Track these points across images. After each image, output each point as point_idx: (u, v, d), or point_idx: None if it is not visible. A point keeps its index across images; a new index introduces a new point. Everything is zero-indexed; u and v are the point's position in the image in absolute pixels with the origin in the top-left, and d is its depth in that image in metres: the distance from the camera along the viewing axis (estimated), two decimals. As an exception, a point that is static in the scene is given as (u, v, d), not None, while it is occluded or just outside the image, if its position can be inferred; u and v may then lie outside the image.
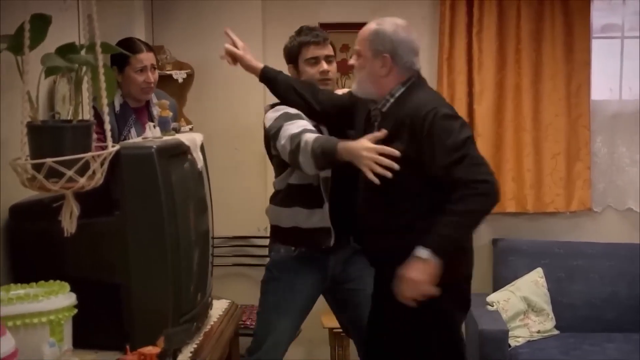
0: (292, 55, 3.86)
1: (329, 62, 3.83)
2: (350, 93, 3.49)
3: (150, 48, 3.99)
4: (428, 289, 3.00)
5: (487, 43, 5.27)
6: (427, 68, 5.36)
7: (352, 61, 3.33)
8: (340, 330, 4.59)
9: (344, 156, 3.18)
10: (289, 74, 3.83)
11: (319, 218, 3.65)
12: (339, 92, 3.81)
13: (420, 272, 2.98)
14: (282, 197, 3.71)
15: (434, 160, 3.04)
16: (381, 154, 3.04)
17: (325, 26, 5.32)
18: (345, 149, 3.18)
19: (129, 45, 3.86)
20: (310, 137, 3.31)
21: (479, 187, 2.99)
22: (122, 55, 3.44)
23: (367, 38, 3.25)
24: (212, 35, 5.17)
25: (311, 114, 3.58)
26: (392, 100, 3.22)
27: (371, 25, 3.27)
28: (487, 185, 3.01)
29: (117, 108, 3.85)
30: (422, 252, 2.97)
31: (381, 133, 3.12)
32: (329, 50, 3.86)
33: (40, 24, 2.15)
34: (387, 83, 3.22)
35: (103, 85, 2.20)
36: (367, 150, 3.09)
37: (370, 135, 3.14)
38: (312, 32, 3.87)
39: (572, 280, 5.19)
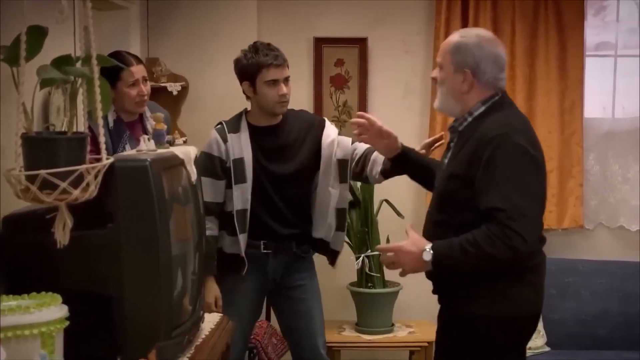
0: (248, 73, 3.90)
1: (286, 83, 3.91)
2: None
3: (139, 60, 3.98)
4: (402, 271, 3.03)
5: (481, 59, 5.28)
6: (421, 84, 5.41)
7: (434, 74, 3.17)
8: (332, 345, 4.65)
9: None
10: (243, 90, 3.95)
11: (232, 245, 3.98)
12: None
13: (412, 264, 2.98)
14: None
15: (486, 192, 2.86)
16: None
17: (320, 40, 5.40)
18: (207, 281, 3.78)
19: (118, 59, 3.85)
20: (207, 232, 3.74)
21: (512, 239, 2.79)
22: (113, 71, 3.43)
23: (449, 51, 3.06)
24: (207, 48, 5.21)
25: None
26: (470, 119, 3.04)
27: (454, 37, 3.10)
28: (521, 242, 2.79)
29: (111, 124, 3.84)
30: (426, 256, 2.92)
31: None
32: (287, 72, 3.94)
33: (37, 36, 2.15)
34: (469, 100, 3.04)
35: (98, 97, 2.20)
36: (207, 305, 3.74)
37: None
38: (271, 51, 3.90)
39: (564, 297, 5.19)
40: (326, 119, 4.19)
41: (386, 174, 3.80)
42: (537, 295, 3.09)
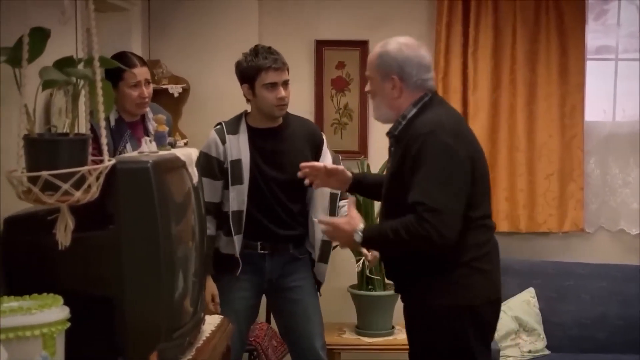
0: (248, 76, 3.93)
1: (285, 86, 3.93)
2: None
3: (144, 62, 3.96)
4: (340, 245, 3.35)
5: (482, 63, 5.30)
6: (422, 87, 5.39)
7: (367, 88, 3.28)
8: (332, 347, 4.66)
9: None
10: (243, 92, 3.97)
11: (227, 245, 4.00)
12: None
13: (344, 241, 3.19)
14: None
15: (411, 188, 2.96)
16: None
17: (321, 43, 5.40)
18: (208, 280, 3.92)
19: (123, 60, 3.85)
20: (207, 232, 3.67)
21: (428, 231, 2.90)
22: (116, 71, 3.42)
23: (374, 62, 3.19)
24: (209, 50, 5.22)
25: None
26: (404, 122, 3.14)
27: (375, 49, 3.22)
28: (436, 235, 2.90)
29: (113, 123, 3.83)
30: (357, 237, 3.09)
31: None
32: (286, 75, 3.96)
33: (39, 37, 2.15)
34: (401, 104, 3.15)
35: (100, 99, 2.20)
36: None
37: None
38: (271, 55, 3.91)
39: (564, 300, 5.20)
40: (324, 137, 4.23)
41: None
42: (491, 282, 3.19)
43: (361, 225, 3.10)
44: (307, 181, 3.54)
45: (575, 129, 5.37)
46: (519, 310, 5.05)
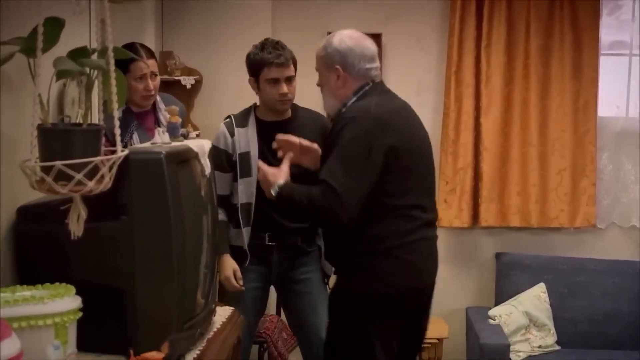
0: (253, 69, 3.95)
1: (289, 82, 3.91)
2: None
3: (151, 55, 3.91)
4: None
5: (495, 57, 5.28)
6: (435, 80, 5.40)
7: (317, 82, 3.41)
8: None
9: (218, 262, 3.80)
10: (249, 85, 4.00)
11: (236, 237, 4.01)
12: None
13: (265, 188, 3.31)
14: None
15: (324, 164, 3.14)
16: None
17: (334, 36, 5.36)
18: (220, 260, 3.86)
19: (130, 51, 3.82)
20: (219, 217, 3.75)
21: (325, 208, 3.07)
22: (122, 63, 3.41)
23: (320, 55, 3.33)
24: (222, 42, 5.21)
25: None
26: (344, 110, 3.26)
27: (321, 43, 3.35)
28: (330, 213, 3.07)
29: (119, 114, 3.81)
30: (273, 191, 3.24)
31: None
32: (290, 71, 3.93)
33: (54, 27, 2.15)
34: (345, 94, 3.28)
35: (114, 89, 2.21)
36: (226, 279, 3.89)
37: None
38: (276, 50, 3.90)
39: (575, 296, 5.19)
40: None
41: None
42: (411, 273, 3.24)
43: (281, 181, 3.24)
44: (279, 153, 3.55)
45: (588, 124, 5.36)
46: (530, 305, 5.05)
